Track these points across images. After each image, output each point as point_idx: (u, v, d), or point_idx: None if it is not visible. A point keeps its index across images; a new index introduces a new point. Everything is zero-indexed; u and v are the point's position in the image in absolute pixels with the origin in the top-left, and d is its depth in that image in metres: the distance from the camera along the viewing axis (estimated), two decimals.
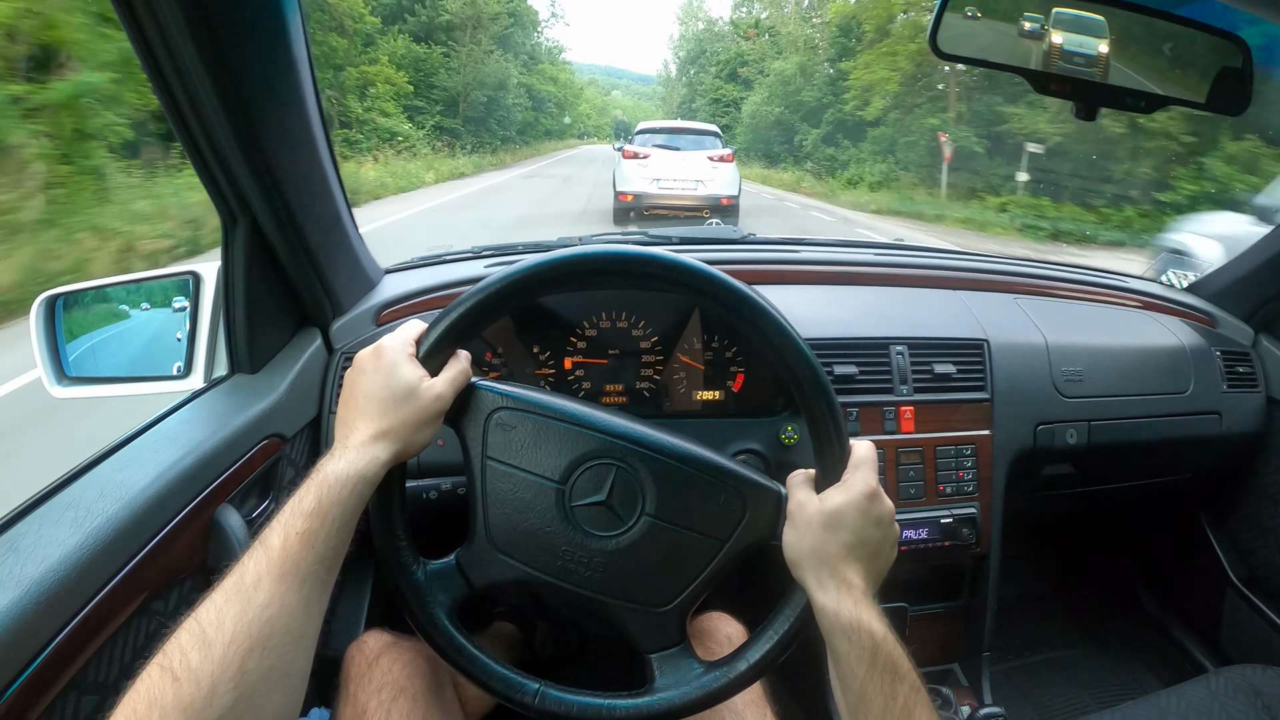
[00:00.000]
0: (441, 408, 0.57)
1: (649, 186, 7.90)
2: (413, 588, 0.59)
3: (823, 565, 0.55)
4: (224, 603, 0.45)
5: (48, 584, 0.53)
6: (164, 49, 0.63)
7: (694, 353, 0.97)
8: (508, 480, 0.59)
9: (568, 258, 0.59)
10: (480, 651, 0.59)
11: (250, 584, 0.46)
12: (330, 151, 0.85)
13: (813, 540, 0.56)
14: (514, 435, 0.59)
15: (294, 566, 0.47)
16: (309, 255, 0.86)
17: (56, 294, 0.90)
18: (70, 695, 0.56)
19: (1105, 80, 0.88)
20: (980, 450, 1.04)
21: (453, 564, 0.60)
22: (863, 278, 1.19)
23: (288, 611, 0.46)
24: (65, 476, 0.66)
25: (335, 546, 0.50)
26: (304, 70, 0.75)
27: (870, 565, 0.56)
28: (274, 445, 0.84)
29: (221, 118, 0.68)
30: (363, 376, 0.57)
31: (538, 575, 0.60)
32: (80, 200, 5.36)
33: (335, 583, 0.52)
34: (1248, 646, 1.30)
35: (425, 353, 0.58)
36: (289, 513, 0.49)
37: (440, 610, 0.59)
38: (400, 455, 0.56)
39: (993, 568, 1.08)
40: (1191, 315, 1.28)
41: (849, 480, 0.58)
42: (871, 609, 0.53)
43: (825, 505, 0.57)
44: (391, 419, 0.55)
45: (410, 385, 0.56)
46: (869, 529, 0.56)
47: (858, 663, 0.51)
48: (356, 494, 0.52)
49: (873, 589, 0.56)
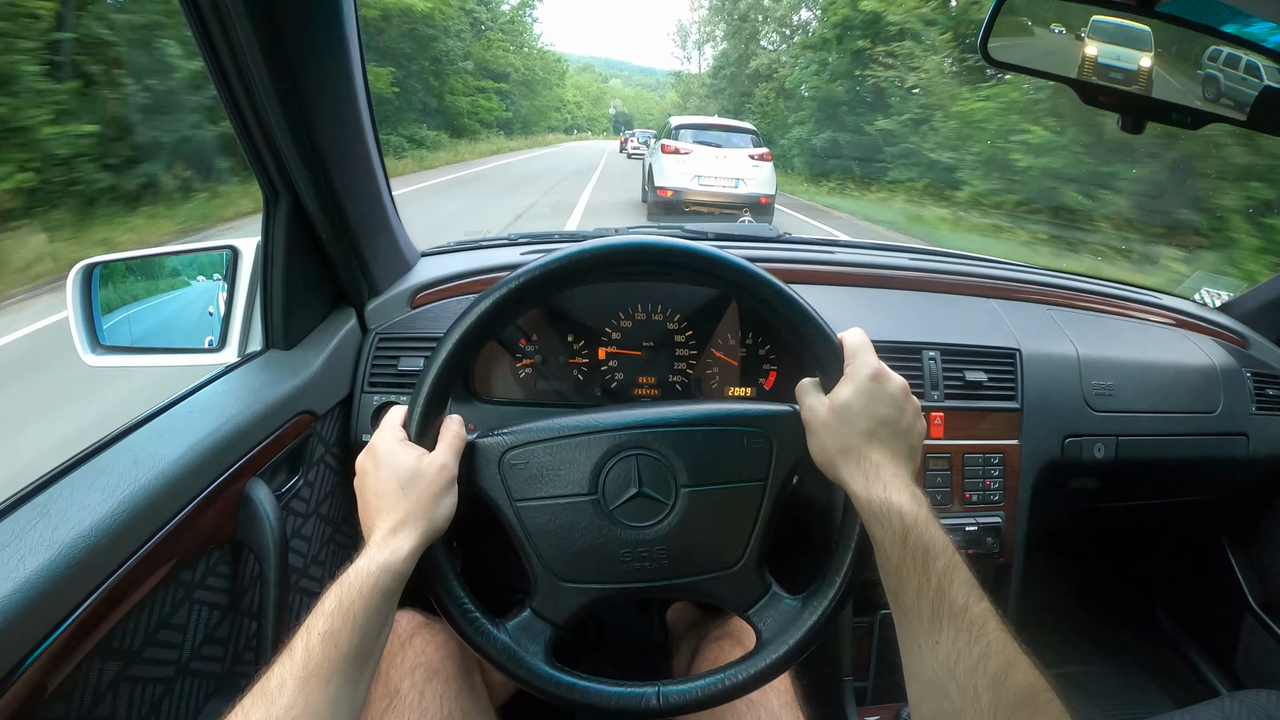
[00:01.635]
0: (450, 476, 0.57)
1: (690, 183, 7.80)
2: (502, 651, 0.59)
3: (848, 457, 0.56)
4: (250, 706, 0.45)
5: (79, 549, 0.53)
6: (218, 22, 0.63)
7: (728, 348, 0.97)
8: (543, 513, 0.59)
9: (504, 293, 0.58)
10: (591, 681, 0.59)
11: (274, 688, 0.46)
12: (375, 134, 0.86)
13: (833, 438, 0.56)
14: (530, 469, 0.60)
15: (317, 668, 0.47)
16: (348, 235, 0.86)
17: (93, 263, 0.91)
18: (95, 660, 0.56)
19: (1149, 94, 0.87)
20: (1008, 460, 1.04)
21: (530, 613, 0.60)
22: (897, 281, 1.19)
23: (313, 712, 0.46)
24: (98, 444, 0.67)
25: (360, 643, 0.49)
26: (354, 50, 0.75)
27: (895, 444, 0.56)
28: (305, 422, 0.84)
29: (271, 93, 0.68)
30: (368, 479, 0.58)
31: (610, 587, 0.60)
32: None
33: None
34: (1263, 671, 1.29)
35: (416, 432, 0.58)
36: (313, 615, 0.50)
37: (536, 660, 0.59)
38: (428, 535, 0.55)
39: (1015, 578, 1.07)
40: (1223, 335, 1.27)
41: (850, 370, 0.58)
42: (903, 490, 0.53)
43: (834, 400, 0.57)
44: (406, 506, 0.55)
45: (411, 468, 0.56)
46: (883, 408, 0.56)
47: (891, 547, 0.51)
48: (380, 587, 0.51)
49: (906, 467, 0.56)
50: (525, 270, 0.59)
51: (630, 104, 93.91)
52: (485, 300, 0.58)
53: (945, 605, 0.48)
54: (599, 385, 0.94)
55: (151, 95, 5.93)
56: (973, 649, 0.46)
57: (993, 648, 0.46)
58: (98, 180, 5.39)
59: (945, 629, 0.48)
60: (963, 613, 0.48)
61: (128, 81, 5.79)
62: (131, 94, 5.83)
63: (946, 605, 0.48)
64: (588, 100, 77.48)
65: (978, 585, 0.50)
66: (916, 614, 0.50)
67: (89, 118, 5.34)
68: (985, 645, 0.47)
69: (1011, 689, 0.45)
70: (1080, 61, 0.81)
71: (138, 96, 5.86)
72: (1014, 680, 0.45)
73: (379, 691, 0.69)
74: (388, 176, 0.92)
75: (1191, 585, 1.48)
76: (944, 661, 0.47)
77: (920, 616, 0.49)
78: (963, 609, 0.48)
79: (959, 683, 0.46)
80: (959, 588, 0.49)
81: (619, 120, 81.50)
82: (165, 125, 6.03)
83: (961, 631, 0.47)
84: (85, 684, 0.56)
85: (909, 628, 0.50)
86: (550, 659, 0.60)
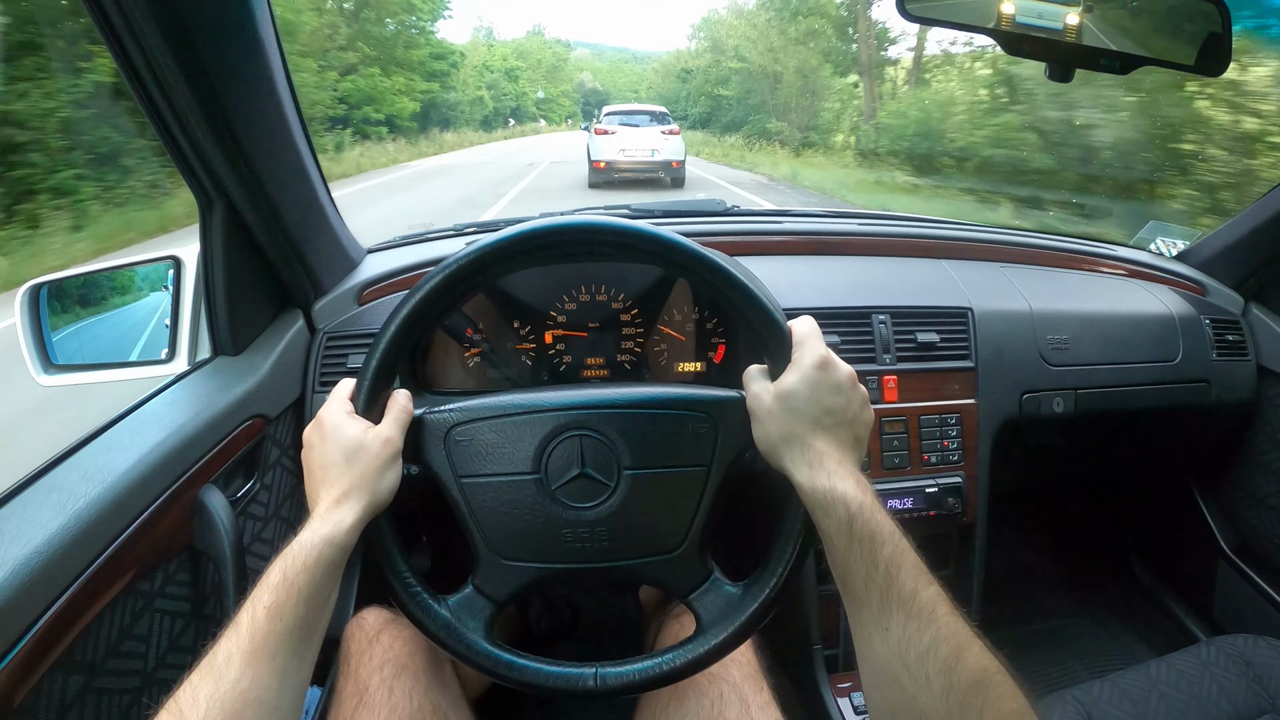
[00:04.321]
0: (394, 450, 0.57)
1: (617, 155, 10.52)
2: (443, 625, 0.59)
3: (793, 445, 0.55)
4: (198, 682, 0.45)
5: (32, 565, 0.54)
6: (128, 31, 0.63)
7: (675, 324, 0.98)
8: (486, 490, 0.60)
9: (445, 273, 0.58)
10: (529, 660, 0.59)
11: (222, 661, 0.46)
12: (305, 133, 0.86)
13: (778, 426, 0.56)
14: (475, 446, 0.60)
15: (263, 641, 0.47)
16: (287, 236, 0.86)
17: (40, 283, 0.91)
18: (57, 674, 0.57)
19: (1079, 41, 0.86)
20: (965, 419, 1.04)
21: (471, 590, 0.61)
22: (845, 247, 1.19)
23: (260, 685, 0.46)
24: (48, 462, 0.67)
25: (305, 615, 0.50)
26: (272, 52, 0.75)
27: (840, 433, 0.56)
28: (257, 426, 0.85)
29: (190, 101, 0.68)
30: (313, 451, 0.58)
31: (552, 566, 0.60)
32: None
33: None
34: (1239, 616, 1.30)
35: (363, 405, 0.58)
36: (258, 588, 0.50)
37: (476, 636, 0.59)
38: (370, 508, 0.56)
39: (979, 537, 1.08)
40: (1180, 283, 1.27)
41: (797, 357, 0.58)
42: (847, 478, 0.53)
43: (780, 388, 0.56)
44: (349, 478, 0.55)
45: (356, 440, 0.56)
46: (829, 397, 0.56)
47: (837, 536, 0.51)
48: (324, 560, 0.51)
49: (854, 456, 0.56)
50: (489, 241, 0.58)
51: (605, 79, 73.36)
52: (441, 271, 0.58)
53: (894, 592, 0.48)
54: (547, 369, 0.95)
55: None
56: (923, 635, 0.46)
57: (943, 633, 0.46)
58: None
59: (895, 616, 0.48)
60: (911, 599, 0.48)
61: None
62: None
63: (895, 592, 0.48)
64: (541, 76, 57.01)
65: (926, 570, 0.50)
66: (865, 602, 0.50)
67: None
68: (935, 631, 0.46)
69: (963, 673, 0.45)
70: (997, 19, 0.80)
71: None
72: (965, 664, 0.45)
73: (349, 689, 0.69)
74: (324, 176, 0.92)
75: (1165, 534, 1.50)
76: (895, 649, 0.47)
77: (869, 605, 0.49)
78: (911, 595, 0.48)
79: (910, 670, 0.46)
80: (906, 574, 0.49)
81: (589, 101, 56.73)
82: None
83: (911, 618, 0.47)
84: (50, 696, 0.56)
85: (859, 616, 0.50)
86: (490, 636, 0.60)
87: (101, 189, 6.20)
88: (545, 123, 49.11)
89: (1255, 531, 1.28)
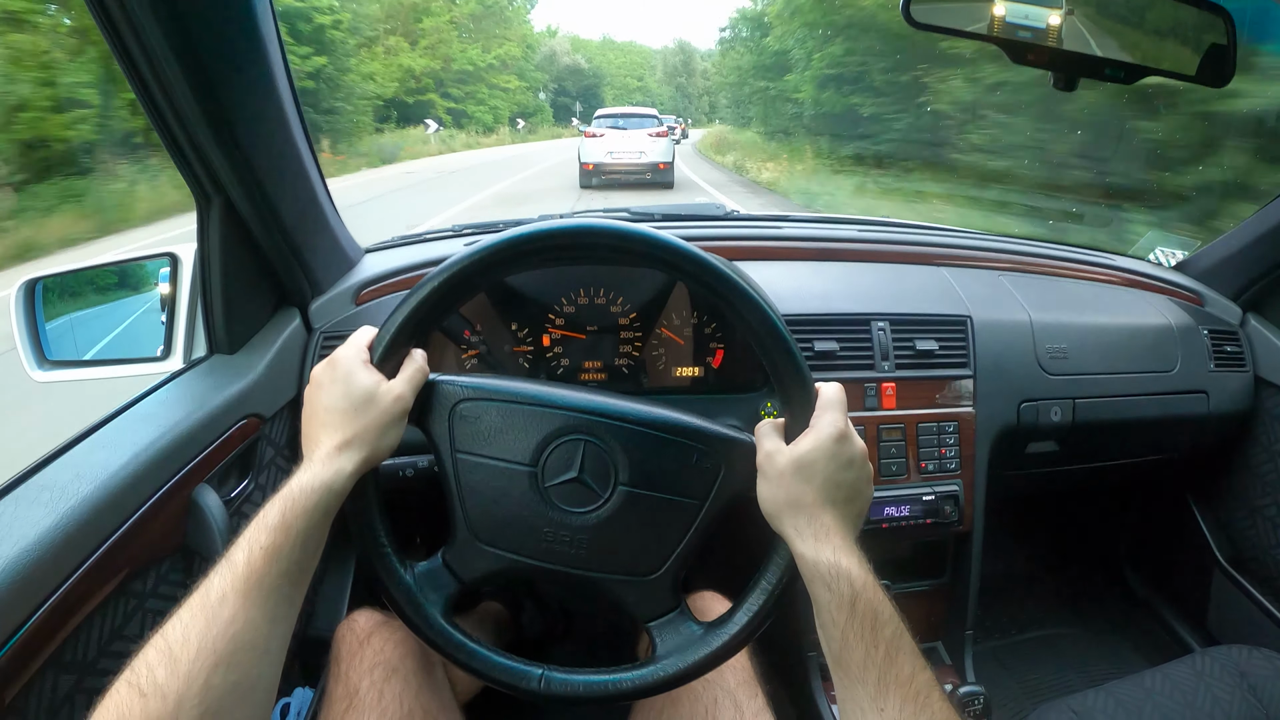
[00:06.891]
0: (403, 408, 0.57)
1: (605, 157, 10.83)
2: (404, 591, 0.59)
3: (799, 514, 0.55)
4: (189, 619, 0.45)
5: (22, 564, 0.53)
6: (129, 27, 0.62)
7: (674, 328, 0.97)
8: (480, 471, 0.59)
9: (500, 242, 0.58)
10: (479, 645, 0.59)
11: (215, 600, 0.46)
12: (305, 131, 0.85)
13: (786, 490, 0.55)
14: (479, 425, 0.59)
15: (258, 581, 0.47)
16: (285, 235, 0.86)
17: (36, 278, 0.90)
18: (48, 673, 0.57)
19: (1063, 48, 0.86)
20: (963, 427, 1.04)
21: (440, 563, 0.60)
22: (845, 254, 1.19)
23: (252, 626, 0.46)
24: (41, 460, 0.67)
25: (300, 560, 0.50)
26: (273, 49, 0.74)
27: (847, 509, 0.56)
28: (253, 425, 0.84)
29: (189, 97, 0.67)
30: (320, 390, 0.57)
31: (524, 560, 0.60)
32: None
33: (316, 571, 0.52)
34: (1234, 627, 1.30)
35: (380, 356, 0.57)
36: (254, 528, 0.49)
37: (434, 609, 0.59)
38: (369, 462, 0.55)
39: (975, 545, 1.08)
40: (1179, 293, 1.27)
41: (817, 424, 0.57)
42: (851, 554, 0.53)
43: (795, 453, 0.56)
44: (354, 427, 0.55)
45: (368, 391, 0.55)
46: (841, 472, 0.55)
47: (838, 611, 0.51)
48: (322, 506, 0.51)
49: (853, 532, 0.56)
50: (524, 231, 0.58)
51: (600, 62, 53.76)
52: (504, 239, 0.58)
53: (893, 674, 0.48)
54: (544, 371, 0.95)
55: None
56: (919, 719, 0.47)
57: (937, 718, 0.47)
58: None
59: (891, 697, 0.48)
60: (909, 682, 0.48)
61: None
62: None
63: (894, 674, 0.48)
64: (499, 62, 36.04)
65: (921, 654, 0.50)
66: (862, 680, 0.49)
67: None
68: (930, 716, 0.47)
69: None
70: (990, 21, 0.80)
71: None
72: None
73: (339, 692, 0.69)
74: (323, 175, 0.92)
75: (1160, 545, 1.50)
76: None
77: (866, 683, 0.49)
78: (909, 678, 0.48)
79: None
80: (905, 656, 0.49)
81: (564, 89, 40.89)
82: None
83: (908, 701, 0.47)
84: (40, 696, 0.56)
85: (852, 692, 0.50)
86: (449, 614, 0.60)
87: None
88: (522, 129, 31.67)
89: (1251, 543, 1.28)
